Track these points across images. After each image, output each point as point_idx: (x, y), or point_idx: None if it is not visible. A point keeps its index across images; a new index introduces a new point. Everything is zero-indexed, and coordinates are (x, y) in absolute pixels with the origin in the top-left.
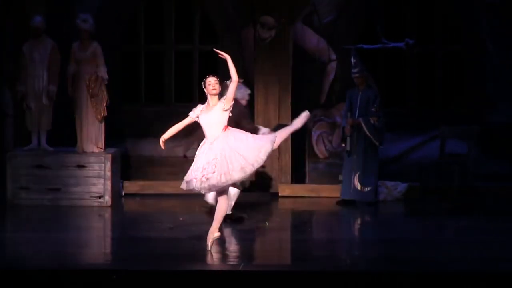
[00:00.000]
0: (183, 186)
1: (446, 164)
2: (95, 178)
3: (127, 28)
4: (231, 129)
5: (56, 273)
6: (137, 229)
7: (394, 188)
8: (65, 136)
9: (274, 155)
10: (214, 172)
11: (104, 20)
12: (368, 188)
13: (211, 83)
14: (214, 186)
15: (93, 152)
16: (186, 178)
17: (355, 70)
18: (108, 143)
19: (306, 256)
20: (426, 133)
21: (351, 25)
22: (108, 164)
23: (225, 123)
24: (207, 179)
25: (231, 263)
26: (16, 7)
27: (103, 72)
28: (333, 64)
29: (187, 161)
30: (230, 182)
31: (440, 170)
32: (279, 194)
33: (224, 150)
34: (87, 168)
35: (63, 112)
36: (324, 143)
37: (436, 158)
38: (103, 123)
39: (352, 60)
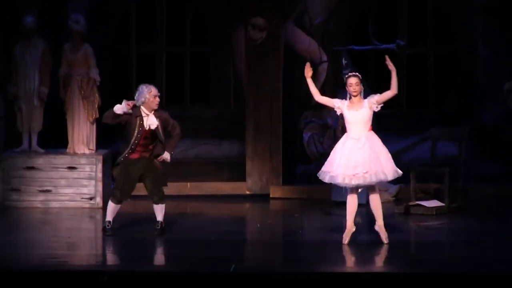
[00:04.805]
0: (325, 178)
1: (437, 166)
2: (86, 180)
3: (119, 29)
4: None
5: (47, 275)
6: (128, 231)
7: (385, 190)
8: (56, 137)
9: (265, 156)
10: (366, 172)
11: (96, 21)
12: (359, 190)
13: (352, 85)
14: (362, 185)
15: (84, 153)
16: (330, 171)
17: (346, 71)
18: (99, 145)
19: (297, 258)
20: (417, 134)
21: (342, 27)
22: (100, 166)
23: (370, 122)
24: (358, 178)
25: (222, 264)
26: (8, 7)
27: (95, 74)
28: (324, 66)
29: (178, 162)
30: (382, 181)
31: (432, 171)
32: (270, 196)
33: (375, 149)
34: (78, 170)
35: (54, 114)
36: (315, 144)
37: (428, 159)
38: (94, 125)
39: (343, 61)
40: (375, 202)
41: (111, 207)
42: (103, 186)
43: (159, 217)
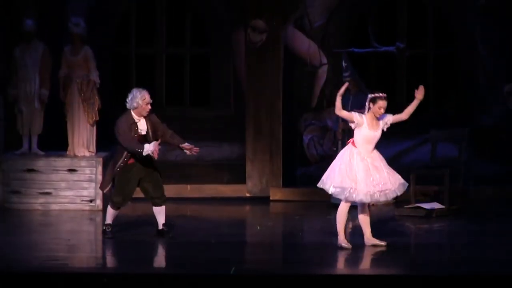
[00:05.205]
0: (337, 194)
1: (437, 168)
2: (86, 182)
3: (119, 29)
4: None
5: (48, 277)
6: (128, 233)
7: None
8: (56, 140)
9: (265, 158)
10: (388, 189)
11: (95, 21)
12: None
13: (382, 108)
14: (382, 201)
15: (84, 156)
16: (351, 187)
17: (346, 74)
18: (99, 147)
19: (297, 260)
20: (417, 136)
21: (342, 29)
22: (100, 168)
23: None
24: (381, 195)
25: (222, 267)
26: (8, 8)
27: (95, 76)
28: (324, 68)
29: (178, 165)
30: (390, 199)
31: (432, 173)
32: (271, 198)
33: (388, 167)
34: (79, 172)
35: (54, 116)
36: (315, 147)
37: (428, 161)
38: (94, 127)
39: (343, 64)
40: (366, 219)
41: (111, 211)
42: None
43: (162, 219)
